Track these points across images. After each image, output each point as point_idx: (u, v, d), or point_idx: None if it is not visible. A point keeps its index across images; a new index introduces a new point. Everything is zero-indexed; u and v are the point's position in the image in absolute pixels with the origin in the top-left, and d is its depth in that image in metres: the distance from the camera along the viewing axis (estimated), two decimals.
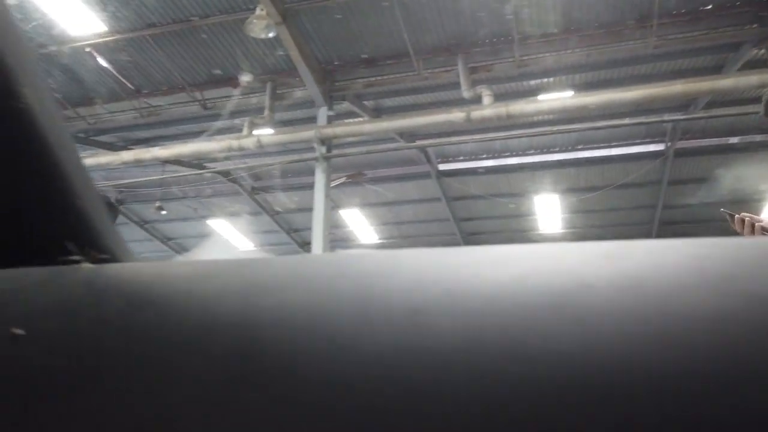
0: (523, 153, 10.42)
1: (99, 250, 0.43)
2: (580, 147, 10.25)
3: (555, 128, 8.67)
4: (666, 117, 8.63)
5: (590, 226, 12.47)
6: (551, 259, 0.28)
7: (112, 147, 10.18)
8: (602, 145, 10.09)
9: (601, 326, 0.22)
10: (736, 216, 1.81)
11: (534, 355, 0.21)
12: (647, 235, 12.74)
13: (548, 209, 11.67)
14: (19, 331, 0.31)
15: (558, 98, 7.91)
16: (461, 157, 10.86)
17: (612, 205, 11.53)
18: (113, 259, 0.45)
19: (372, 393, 0.22)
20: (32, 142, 0.38)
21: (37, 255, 0.39)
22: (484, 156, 10.67)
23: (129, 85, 9.06)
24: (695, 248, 0.27)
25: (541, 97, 8.30)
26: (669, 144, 9.57)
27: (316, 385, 0.23)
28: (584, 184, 10.79)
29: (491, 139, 8.77)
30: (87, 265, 0.39)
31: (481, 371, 0.21)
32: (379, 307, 0.26)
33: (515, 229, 12.91)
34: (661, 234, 12.60)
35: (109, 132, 10.33)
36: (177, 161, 9.86)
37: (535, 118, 8.48)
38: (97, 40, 7.98)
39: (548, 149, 10.26)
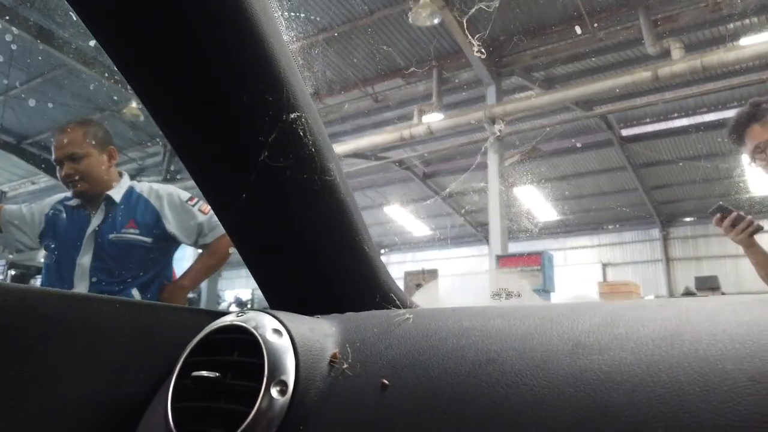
0: (723, 107, 9.15)
1: (394, 300, 0.50)
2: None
3: (762, 75, 7.44)
4: None
5: None
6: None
7: None
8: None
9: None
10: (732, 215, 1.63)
11: None
12: None
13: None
14: (386, 381, 0.36)
15: (765, 41, 6.76)
16: (647, 120, 9.90)
17: None
18: (404, 305, 0.51)
19: None
20: (340, 213, 0.41)
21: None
22: (675, 115, 9.60)
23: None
24: None
25: (743, 41, 7.18)
26: None
27: None
28: None
29: (684, 98, 7.81)
30: (413, 309, 0.44)
31: None
32: None
33: (719, 194, 11.46)
34: None
35: None
36: (354, 155, 10.40)
37: (736, 67, 7.37)
38: None
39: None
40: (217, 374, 0.38)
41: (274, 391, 0.37)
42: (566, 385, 0.30)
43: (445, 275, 15.18)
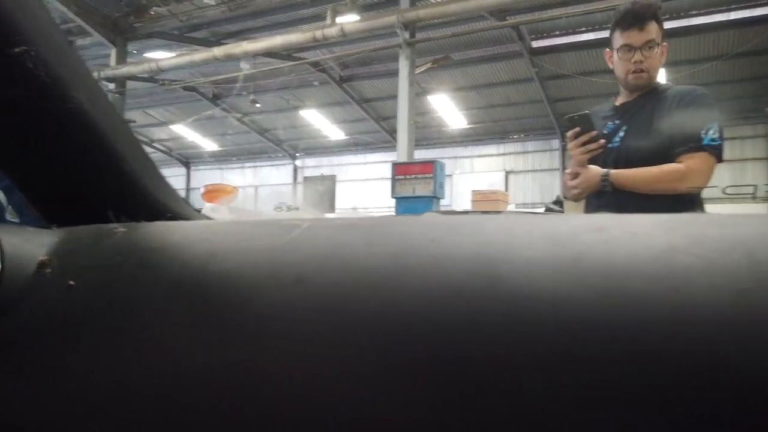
0: None
1: (157, 211, 0.55)
2: (693, 13, 9.19)
3: None
4: None
5: None
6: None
7: (206, 43, 10.48)
8: (719, 9, 8.97)
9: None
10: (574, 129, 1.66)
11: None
12: (762, 108, 11.53)
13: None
14: (72, 282, 0.43)
15: None
16: (556, 32, 10.14)
17: (724, 77, 10.45)
18: (175, 217, 0.56)
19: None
20: (90, 137, 0.50)
21: (93, 216, 0.52)
22: (583, 29, 9.88)
23: None
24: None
25: None
26: None
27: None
28: (694, 55, 9.78)
29: (590, 12, 8.04)
30: (128, 224, 0.49)
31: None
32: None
33: None
34: None
35: (201, 28, 10.60)
36: (267, 54, 10.01)
37: None
38: None
39: None
40: None
41: None
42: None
43: (353, 180, 15.43)
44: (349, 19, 8.57)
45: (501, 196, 8.53)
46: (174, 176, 18.35)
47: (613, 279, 0.28)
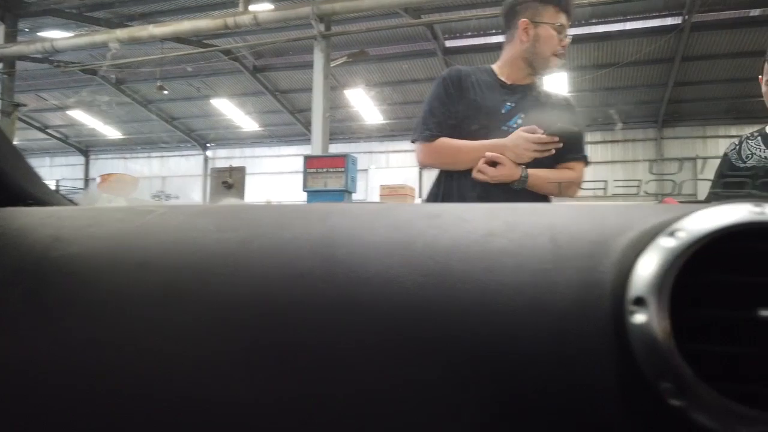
0: None
1: (16, 196, 0.53)
2: (594, 21, 9.79)
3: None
4: None
5: (599, 105, 12.24)
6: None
7: (108, 23, 9.87)
8: (617, 18, 9.62)
9: None
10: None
11: None
12: (655, 114, 12.53)
13: (558, 88, 11.39)
14: None
15: None
16: (469, 33, 10.45)
17: (622, 83, 11.23)
18: (38, 204, 0.54)
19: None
20: None
21: None
22: (494, 31, 10.25)
23: None
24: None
25: None
26: (687, 17, 9.10)
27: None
28: (596, 61, 10.43)
29: (497, 15, 8.34)
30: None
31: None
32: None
33: None
34: (669, 112, 12.38)
35: (103, 7, 9.96)
36: (176, 39, 9.59)
37: None
38: None
39: None
40: None
41: None
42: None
43: (267, 172, 15.17)
44: (262, 8, 8.39)
45: (408, 191, 8.75)
46: (71, 165, 17.20)
47: (437, 261, 0.30)
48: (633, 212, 0.32)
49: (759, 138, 1.98)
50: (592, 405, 0.27)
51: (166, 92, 11.25)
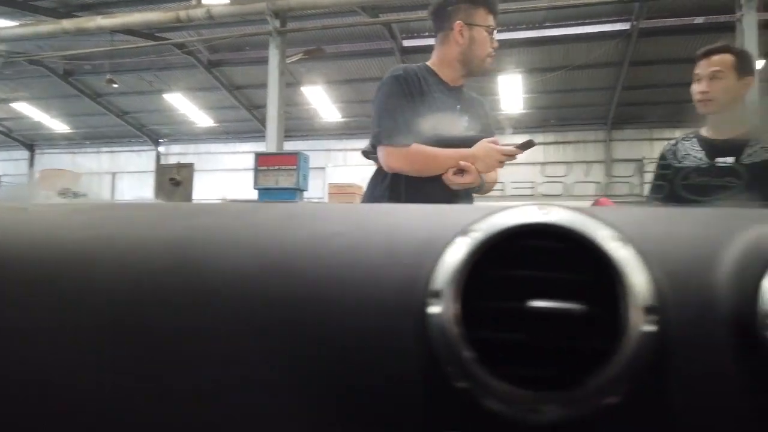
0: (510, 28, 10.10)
1: None
2: (547, 24, 10.01)
3: (523, 4, 8.39)
4: None
5: (550, 107, 12.55)
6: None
7: (54, 13, 9.50)
8: (569, 22, 9.86)
9: None
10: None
11: None
12: (604, 116, 12.92)
13: (511, 89, 11.62)
14: None
15: None
16: (426, 33, 10.53)
17: (573, 86, 11.53)
18: None
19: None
20: None
21: None
22: None
23: None
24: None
25: None
26: (635, 23, 9.41)
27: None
28: (548, 63, 10.67)
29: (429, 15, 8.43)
30: None
31: None
32: None
33: None
34: (618, 114, 12.79)
35: None
36: (126, 31, 9.32)
37: None
38: None
39: (515, 27, 9.98)
40: None
41: None
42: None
43: (222, 169, 14.94)
44: (217, 2, 8.24)
45: (356, 189, 8.77)
46: (14, 160, 16.51)
47: (285, 256, 0.32)
48: (460, 213, 0.35)
49: (695, 139, 2.08)
50: (398, 389, 0.30)
51: (116, 85, 10.94)
